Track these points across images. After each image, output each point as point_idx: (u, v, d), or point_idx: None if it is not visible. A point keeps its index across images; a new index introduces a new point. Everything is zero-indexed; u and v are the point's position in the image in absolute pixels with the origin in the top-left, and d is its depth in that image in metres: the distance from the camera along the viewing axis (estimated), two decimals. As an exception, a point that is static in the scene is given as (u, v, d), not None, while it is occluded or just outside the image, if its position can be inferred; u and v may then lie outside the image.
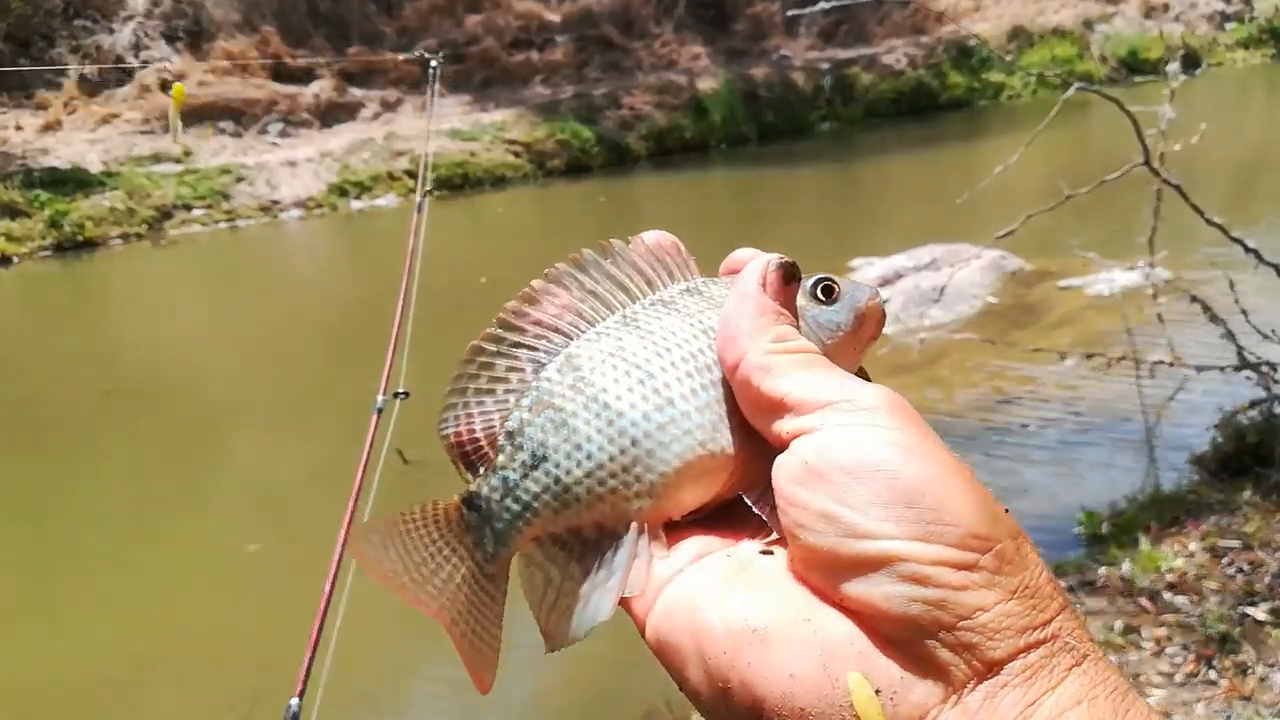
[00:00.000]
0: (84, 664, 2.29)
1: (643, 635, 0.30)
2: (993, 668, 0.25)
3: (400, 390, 1.56)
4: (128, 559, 2.79)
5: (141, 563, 2.76)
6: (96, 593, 2.60)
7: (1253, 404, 2.42)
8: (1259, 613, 1.83)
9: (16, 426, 3.92)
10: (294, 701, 0.92)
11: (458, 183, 8.24)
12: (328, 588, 1.03)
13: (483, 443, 0.34)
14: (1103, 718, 0.25)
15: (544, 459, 0.32)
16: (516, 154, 8.62)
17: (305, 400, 4.05)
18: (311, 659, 0.97)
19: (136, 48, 9.36)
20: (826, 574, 0.27)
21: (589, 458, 0.32)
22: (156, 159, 8.07)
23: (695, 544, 0.32)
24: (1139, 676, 1.73)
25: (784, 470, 0.29)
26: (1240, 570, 1.99)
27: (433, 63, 2.08)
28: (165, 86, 8.64)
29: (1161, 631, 1.83)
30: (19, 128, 8.49)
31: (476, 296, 5.23)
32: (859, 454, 0.27)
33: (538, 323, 0.34)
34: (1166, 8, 11.33)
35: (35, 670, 2.26)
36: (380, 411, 1.46)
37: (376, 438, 1.31)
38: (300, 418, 3.85)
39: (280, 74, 9.53)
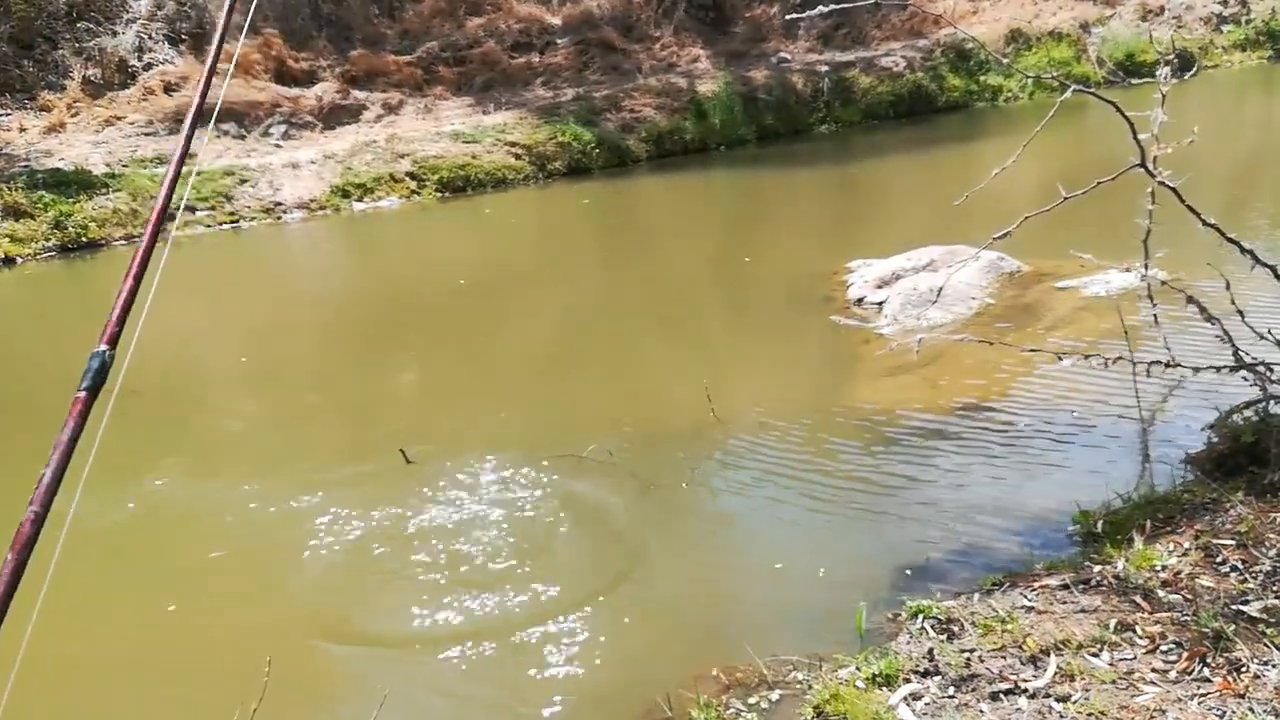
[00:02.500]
0: (64, 663, 2.31)
1: None
2: None
3: None
4: (125, 556, 2.81)
5: (132, 563, 2.78)
6: (85, 595, 2.61)
7: (1248, 404, 2.44)
8: (1252, 610, 1.84)
9: (15, 426, 3.94)
10: (103, 349, 0.89)
11: (460, 185, 8.27)
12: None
13: None
14: None
15: None
16: (518, 156, 8.65)
17: (307, 399, 4.07)
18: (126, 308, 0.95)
19: (140, 50, 9.41)
20: None
21: None
22: (160, 161, 8.11)
23: None
24: (1133, 674, 1.74)
25: None
26: (1234, 568, 2.00)
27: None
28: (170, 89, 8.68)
29: (1155, 629, 1.83)
30: (22, 129, 8.53)
31: (450, 298, 5.31)
32: None
33: None
34: (1163, 10, 11.36)
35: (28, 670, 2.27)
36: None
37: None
38: (302, 416, 3.87)
39: (283, 76, 9.57)
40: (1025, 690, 1.73)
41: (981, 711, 1.69)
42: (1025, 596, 2.05)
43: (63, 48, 9.31)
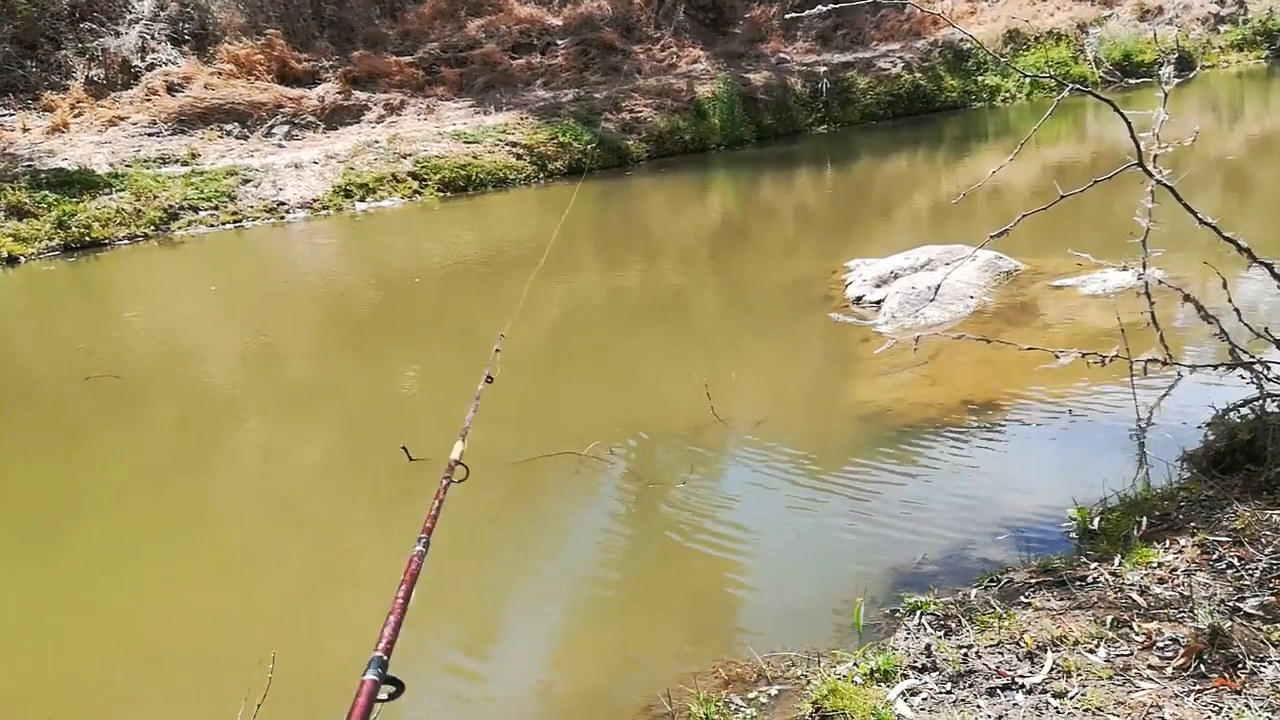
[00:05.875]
0: (68, 660, 2.32)
1: None
2: None
3: None
4: (125, 550, 2.83)
5: (138, 554, 2.80)
6: (92, 588, 2.63)
7: (1245, 402, 2.44)
8: (1249, 607, 1.84)
9: (18, 421, 3.96)
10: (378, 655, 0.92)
11: (461, 184, 8.31)
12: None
13: None
14: None
15: None
16: (518, 156, 8.68)
17: (309, 398, 4.09)
18: None
19: (143, 51, 9.44)
20: None
21: None
22: (163, 161, 8.13)
23: None
24: (1129, 670, 1.74)
25: None
26: (1230, 565, 2.00)
27: None
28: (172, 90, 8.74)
29: (1152, 625, 1.83)
30: (26, 130, 8.56)
31: (450, 299, 5.37)
32: None
33: None
34: (1160, 10, 11.39)
35: (25, 667, 2.28)
36: None
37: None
38: (304, 415, 3.89)
39: (285, 77, 9.60)
40: (1022, 686, 1.73)
41: (978, 707, 1.70)
42: (1022, 593, 2.05)
43: (66, 48, 9.35)
